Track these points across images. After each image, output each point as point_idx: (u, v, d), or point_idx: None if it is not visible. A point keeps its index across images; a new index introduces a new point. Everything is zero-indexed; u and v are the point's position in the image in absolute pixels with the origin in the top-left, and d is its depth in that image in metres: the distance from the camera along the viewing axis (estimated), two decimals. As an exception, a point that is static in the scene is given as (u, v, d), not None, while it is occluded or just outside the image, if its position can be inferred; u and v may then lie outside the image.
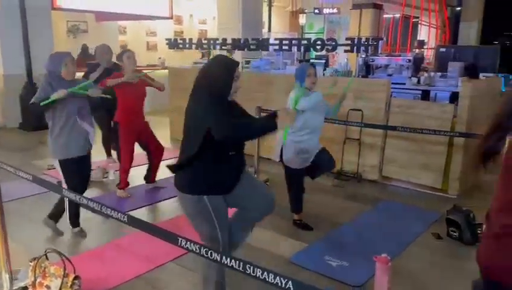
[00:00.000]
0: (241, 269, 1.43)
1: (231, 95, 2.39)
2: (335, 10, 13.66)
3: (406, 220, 4.09)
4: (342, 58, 8.06)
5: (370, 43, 4.82)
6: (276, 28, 13.67)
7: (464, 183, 4.74)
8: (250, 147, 2.73)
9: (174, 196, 4.49)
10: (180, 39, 6.52)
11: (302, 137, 3.63)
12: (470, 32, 17.52)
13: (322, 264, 3.21)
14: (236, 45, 5.70)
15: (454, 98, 5.22)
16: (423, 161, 4.83)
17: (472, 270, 1.61)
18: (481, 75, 6.10)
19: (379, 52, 6.75)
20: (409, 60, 6.59)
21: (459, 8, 18.64)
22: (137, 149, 4.72)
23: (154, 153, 4.71)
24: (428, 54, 14.80)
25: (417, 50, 13.37)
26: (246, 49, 5.86)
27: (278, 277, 1.38)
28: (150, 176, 4.85)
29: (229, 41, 5.81)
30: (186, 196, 2.43)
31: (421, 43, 14.69)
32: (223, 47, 5.84)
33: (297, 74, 3.67)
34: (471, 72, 6.46)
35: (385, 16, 15.74)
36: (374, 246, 3.43)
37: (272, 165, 4.97)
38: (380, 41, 4.60)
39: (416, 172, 4.89)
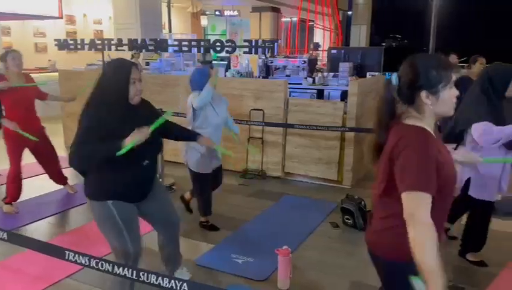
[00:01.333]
0: (134, 277, 1.39)
1: (131, 99, 2.31)
2: (235, 13, 13.91)
3: (307, 212, 4.32)
4: (244, 60, 8.23)
5: (267, 45, 4.99)
6: (178, 29, 13.50)
7: (356, 174, 5.14)
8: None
9: (83, 203, 4.25)
10: (71, 40, 6.12)
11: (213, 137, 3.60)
12: (360, 35, 19.06)
13: (228, 263, 3.26)
14: (133, 45, 5.52)
15: (345, 96, 5.63)
16: (320, 155, 5.14)
17: (365, 253, 1.76)
18: (368, 74, 6.67)
19: (275, 53, 7.01)
20: (304, 62, 6.97)
21: (350, 12, 20.18)
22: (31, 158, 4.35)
23: (47, 161, 4.39)
24: (324, 56, 15.76)
25: (314, 52, 14.16)
26: (143, 50, 5.70)
27: (172, 281, 1.37)
28: (57, 181, 4.54)
29: (125, 41, 5.59)
30: (93, 203, 2.34)
31: (317, 45, 15.59)
32: (118, 48, 5.60)
33: (197, 78, 3.61)
34: (359, 71, 7.03)
35: (283, 19, 16.42)
36: (277, 239, 3.57)
37: (177, 169, 4.91)
38: (276, 44, 4.78)
39: (314, 166, 5.19)
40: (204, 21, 14.76)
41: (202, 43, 5.36)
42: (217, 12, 14.21)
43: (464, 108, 3.00)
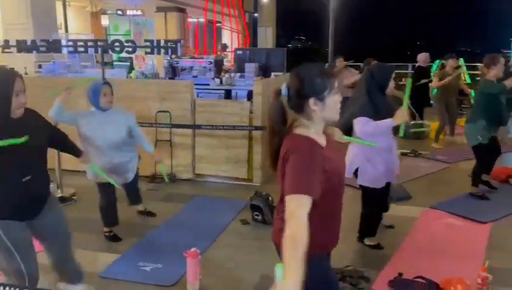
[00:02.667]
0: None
1: (13, 112, 2.10)
2: (139, 12, 13.45)
3: (217, 211, 4.33)
4: (150, 61, 8.00)
5: (169, 45, 4.89)
6: (76, 29, 12.67)
7: (265, 171, 5.27)
8: (49, 159, 2.47)
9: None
10: None
11: (105, 156, 3.42)
12: (266, 36, 19.60)
13: (136, 272, 3.14)
14: (22, 47, 5.05)
15: (251, 95, 5.75)
16: (229, 155, 5.18)
17: (273, 247, 1.81)
18: (272, 74, 6.89)
19: (179, 54, 6.93)
20: (211, 62, 6.99)
21: (256, 14, 20.64)
22: None
23: None
24: (233, 57, 15.94)
25: (222, 53, 14.24)
26: (35, 52, 5.25)
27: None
28: None
29: (13, 43, 5.10)
30: None
31: (224, 46, 15.71)
32: (5, 50, 5.09)
33: (90, 95, 3.38)
34: (265, 71, 7.23)
35: (190, 20, 16.27)
36: (187, 242, 3.50)
37: (78, 177, 4.60)
38: (179, 44, 4.70)
39: (225, 166, 5.22)
40: (105, 21, 14.04)
41: (100, 43, 5.08)
42: (119, 12, 13.61)
43: (352, 103, 3.27)
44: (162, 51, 4.98)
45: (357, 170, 3.34)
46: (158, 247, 3.56)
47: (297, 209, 1.46)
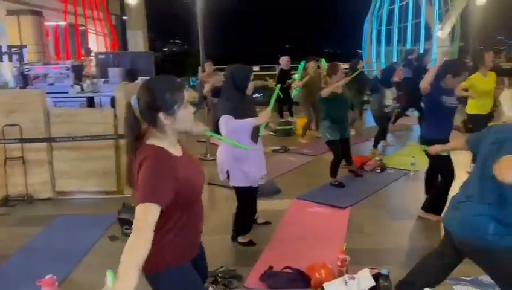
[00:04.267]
0: None
1: None
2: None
3: (82, 230, 3.97)
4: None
5: (12, 51, 4.35)
6: None
7: (136, 180, 5.02)
8: None
9: None
10: None
11: None
12: (137, 40, 18.85)
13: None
14: None
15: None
16: (94, 167, 4.81)
17: None
18: (140, 78, 6.61)
19: (25, 60, 6.22)
20: (68, 68, 6.42)
21: (125, 17, 19.72)
22: None
23: None
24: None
25: (87, 58, 13.29)
26: None
27: None
28: None
29: None
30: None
31: (88, 51, 14.71)
32: None
33: None
34: (131, 76, 6.90)
35: (49, 23, 14.84)
36: (44, 269, 3.14)
37: None
38: (24, 49, 4.19)
39: (91, 180, 4.83)
40: None
41: None
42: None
43: (219, 104, 3.31)
44: (5, 57, 4.39)
45: (228, 171, 3.37)
46: (7, 280, 3.11)
47: (143, 218, 1.46)
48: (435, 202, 3.91)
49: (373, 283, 2.68)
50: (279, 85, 3.93)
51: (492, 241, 1.99)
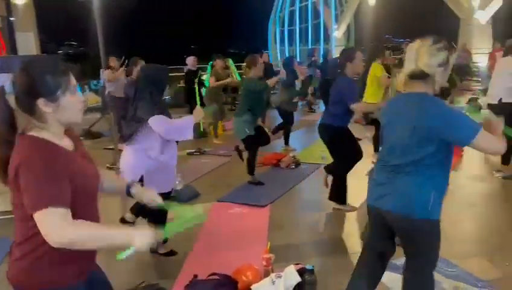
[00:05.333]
0: None
1: None
2: None
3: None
4: None
5: None
6: None
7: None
8: None
9: None
10: None
11: None
12: (28, 43, 17.18)
13: None
14: None
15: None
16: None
17: None
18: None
19: None
20: None
21: (12, 18, 17.84)
22: None
23: None
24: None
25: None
26: None
27: None
28: None
29: None
30: None
31: (-29, 55, 13.04)
32: None
33: None
34: None
35: None
36: None
37: None
38: None
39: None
40: None
41: None
42: None
43: (138, 107, 3.10)
44: None
45: (142, 177, 3.15)
46: None
47: (52, 226, 1.29)
48: (338, 191, 4.11)
49: (299, 279, 2.69)
50: (196, 87, 3.84)
51: (431, 211, 1.95)
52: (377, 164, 2.20)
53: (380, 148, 2.35)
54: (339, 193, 4.15)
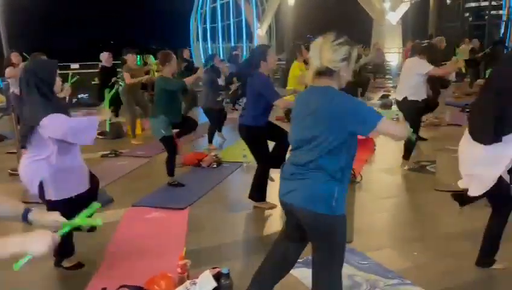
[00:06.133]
0: None
1: None
2: None
3: None
4: None
5: None
6: None
7: None
8: None
9: None
10: None
11: None
12: None
13: None
14: None
15: None
16: None
17: None
18: None
19: None
20: None
21: None
22: None
23: None
24: None
25: None
26: None
27: None
28: None
29: None
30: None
31: None
32: None
33: None
34: None
35: None
36: None
37: None
38: None
39: None
40: None
41: None
42: None
43: (29, 108, 2.77)
44: None
45: (41, 184, 2.84)
46: None
47: None
48: (258, 189, 4.09)
49: (214, 284, 2.60)
50: (108, 89, 3.59)
51: (336, 206, 1.95)
52: (287, 158, 2.21)
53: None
54: (258, 191, 4.12)
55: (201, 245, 3.43)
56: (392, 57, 16.94)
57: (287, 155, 4.05)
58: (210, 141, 6.54)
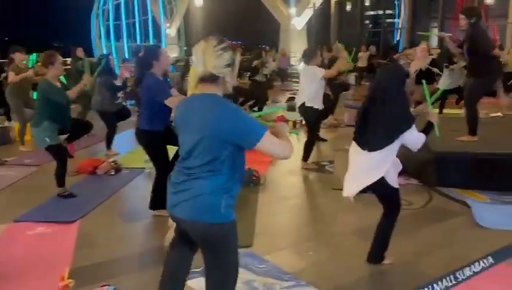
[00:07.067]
0: None
1: None
2: None
3: None
4: None
5: None
6: None
7: None
8: None
9: None
10: None
11: None
12: None
13: None
14: None
15: None
16: None
17: None
18: None
19: None
20: None
21: None
22: None
23: None
24: None
25: None
26: None
27: None
28: None
29: None
30: None
31: None
32: None
33: None
34: None
35: None
36: None
37: None
38: None
39: None
40: None
41: None
42: None
43: None
44: None
45: None
46: None
47: None
48: (157, 197, 3.89)
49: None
50: None
51: (225, 213, 1.90)
52: (174, 168, 2.09)
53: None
54: (158, 199, 3.91)
55: (92, 261, 3.16)
56: (297, 62, 17.64)
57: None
58: (108, 146, 6.15)
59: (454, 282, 1.51)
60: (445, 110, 7.66)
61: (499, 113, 7.67)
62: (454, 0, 13.51)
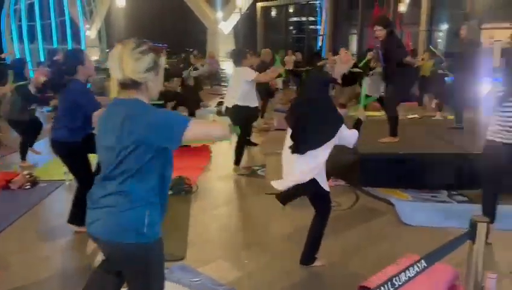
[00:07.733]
0: None
1: None
2: None
3: None
4: None
5: None
6: None
7: None
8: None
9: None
10: None
11: None
12: None
13: None
14: None
15: None
16: None
17: None
18: None
19: None
20: None
21: None
22: None
23: None
24: None
25: None
26: None
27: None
28: None
29: None
30: None
31: None
32: None
33: None
34: None
35: None
36: None
37: None
38: None
39: None
40: None
41: None
42: None
43: None
44: None
45: None
46: None
47: None
48: (78, 211, 3.58)
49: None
50: None
51: (148, 232, 1.73)
52: (94, 182, 1.90)
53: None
54: (79, 214, 3.58)
55: (9, 286, 2.84)
56: (226, 65, 17.63)
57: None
58: (23, 158, 5.62)
59: (391, 289, 1.54)
60: (368, 112, 8.04)
61: (416, 115, 8.26)
62: (373, 8, 14.33)
